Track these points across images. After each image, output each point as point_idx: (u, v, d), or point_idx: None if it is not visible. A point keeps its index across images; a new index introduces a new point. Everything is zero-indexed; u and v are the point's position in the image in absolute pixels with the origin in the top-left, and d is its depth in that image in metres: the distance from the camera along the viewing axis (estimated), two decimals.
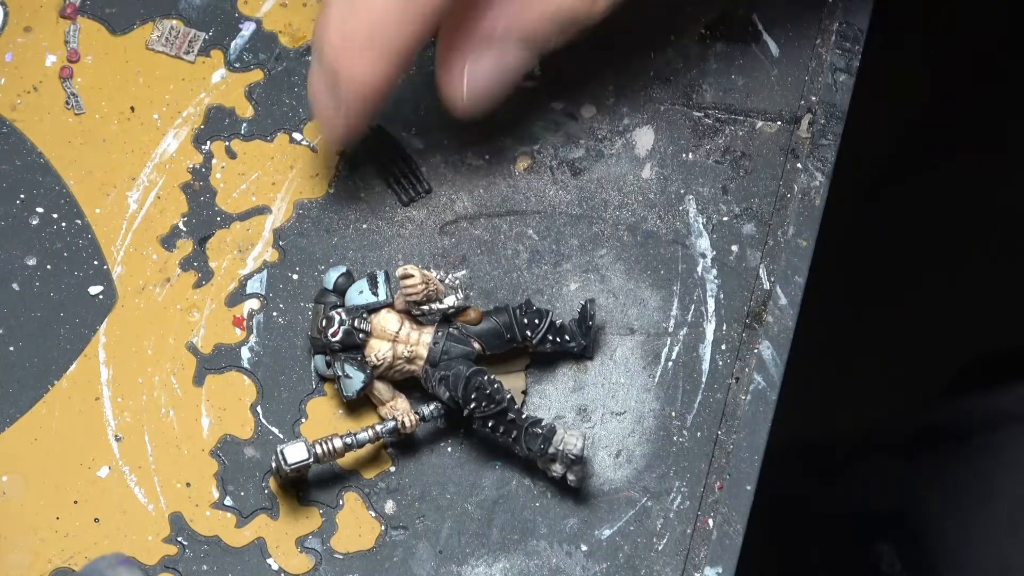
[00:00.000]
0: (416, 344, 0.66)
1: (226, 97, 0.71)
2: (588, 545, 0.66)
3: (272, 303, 0.68)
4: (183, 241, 0.69)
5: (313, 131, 0.70)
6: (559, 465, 0.65)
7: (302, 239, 0.69)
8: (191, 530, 0.66)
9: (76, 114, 0.70)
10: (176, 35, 0.71)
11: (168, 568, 0.65)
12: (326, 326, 0.65)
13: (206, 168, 0.70)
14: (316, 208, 0.70)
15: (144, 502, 0.66)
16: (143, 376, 0.67)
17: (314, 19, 0.65)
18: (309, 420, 0.67)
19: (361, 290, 0.66)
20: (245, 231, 0.69)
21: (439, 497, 0.66)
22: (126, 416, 0.67)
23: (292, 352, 0.68)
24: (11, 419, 0.67)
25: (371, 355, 0.65)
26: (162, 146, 0.70)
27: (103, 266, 0.68)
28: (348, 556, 0.66)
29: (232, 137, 0.70)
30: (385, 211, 0.70)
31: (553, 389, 0.68)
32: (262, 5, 0.72)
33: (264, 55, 0.71)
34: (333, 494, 0.66)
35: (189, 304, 0.68)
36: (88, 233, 0.69)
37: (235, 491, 0.66)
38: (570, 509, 0.66)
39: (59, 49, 0.71)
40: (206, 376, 0.67)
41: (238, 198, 0.70)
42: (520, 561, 0.66)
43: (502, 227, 0.69)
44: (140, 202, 0.69)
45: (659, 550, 0.66)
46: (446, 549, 0.66)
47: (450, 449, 0.67)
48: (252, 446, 0.67)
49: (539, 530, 0.66)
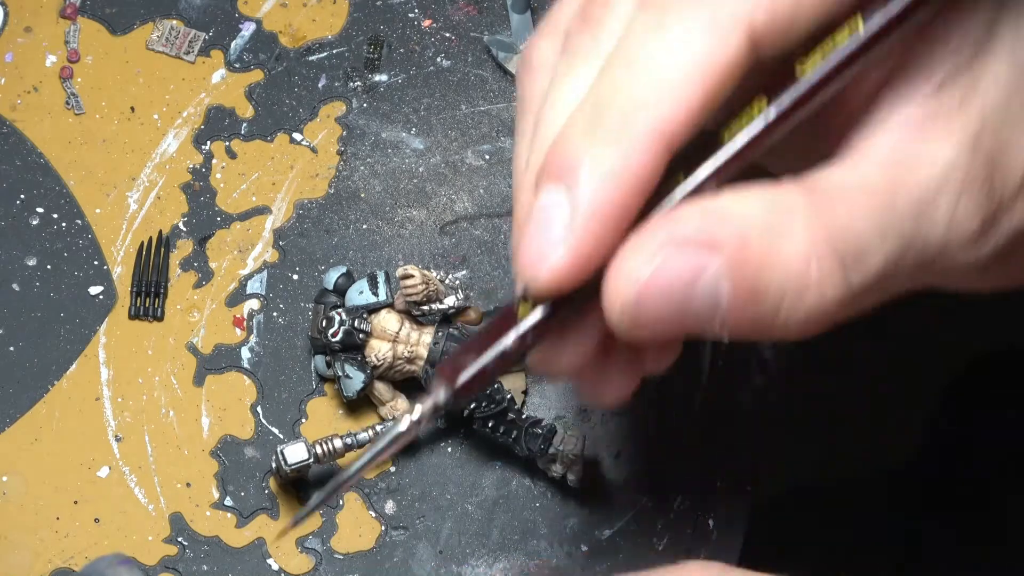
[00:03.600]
0: (416, 344, 0.66)
1: (226, 97, 0.71)
2: (588, 545, 0.66)
3: (272, 303, 0.68)
4: (183, 241, 0.69)
5: (313, 131, 0.70)
6: (559, 465, 0.65)
7: (302, 239, 0.69)
8: (191, 530, 0.66)
9: (76, 114, 0.70)
10: (176, 35, 0.71)
11: (168, 568, 0.65)
12: (326, 326, 0.65)
13: (206, 168, 0.70)
14: (316, 208, 0.70)
15: (144, 502, 0.66)
16: (143, 376, 0.67)
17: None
18: (309, 420, 0.67)
19: (361, 290, 0.66)
20: (245, 231, 0.69)
21: (439, 497, 0.66)
22: (126, 416, 0.67)
23: (292, 352, 0.68)
24: (11, 419, 0.67)
25: (371, 355, 0.65)
26: (162, 146, 0.70)
27: (103, 266, 0.68)
28: (348, 556, 0.66)
29: (232, 137, 0.70)
30: (385, 211, 0.70)
31: (553, 389, 0.68)
32: (262, 5, 0.72)
33: (264, 55, 0.71)
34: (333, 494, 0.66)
35: (189, 304, 0.68)
36: (88, 233, 0.69)
37: (235, 491, 0.66)
38: (570, 509, 0.66)
39: (59, 49, 0.71)
40: (206, 376, 0.67)
41: (238, 198, 0.70)
42: (520, 561, 0.66)
43: (502, 227, 0.69)
44: (140, 202, 0.69)
45: (659, 550, 0.66)
46: (446, 549, 0.66)
47: (450, 449, 0.67)
48: (252, 446, 0.67)
49: (539, 530, 0.66)
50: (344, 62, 0.71)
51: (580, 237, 0.47)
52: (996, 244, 0.50)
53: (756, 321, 0.49)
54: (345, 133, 0.70)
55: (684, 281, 0.47)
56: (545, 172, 0.48)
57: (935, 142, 0.49)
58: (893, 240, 0.49)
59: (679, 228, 0.47)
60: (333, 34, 0.72)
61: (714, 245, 0.47)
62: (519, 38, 0.71)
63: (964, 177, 0.49)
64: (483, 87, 0.71)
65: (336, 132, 0.70)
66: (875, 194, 0.48)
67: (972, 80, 0.49)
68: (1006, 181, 0.49)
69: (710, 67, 0.47)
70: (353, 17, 0.72)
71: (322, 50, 0.71)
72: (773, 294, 0.48)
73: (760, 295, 0.48)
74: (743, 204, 0.47)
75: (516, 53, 0.71)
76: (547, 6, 0.72)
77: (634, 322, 0.48)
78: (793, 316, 0.49)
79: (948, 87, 0.49)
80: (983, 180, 0.49)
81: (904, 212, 0.48)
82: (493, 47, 0.71)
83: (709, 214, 0.47)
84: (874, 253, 0.48)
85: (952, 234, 0.49)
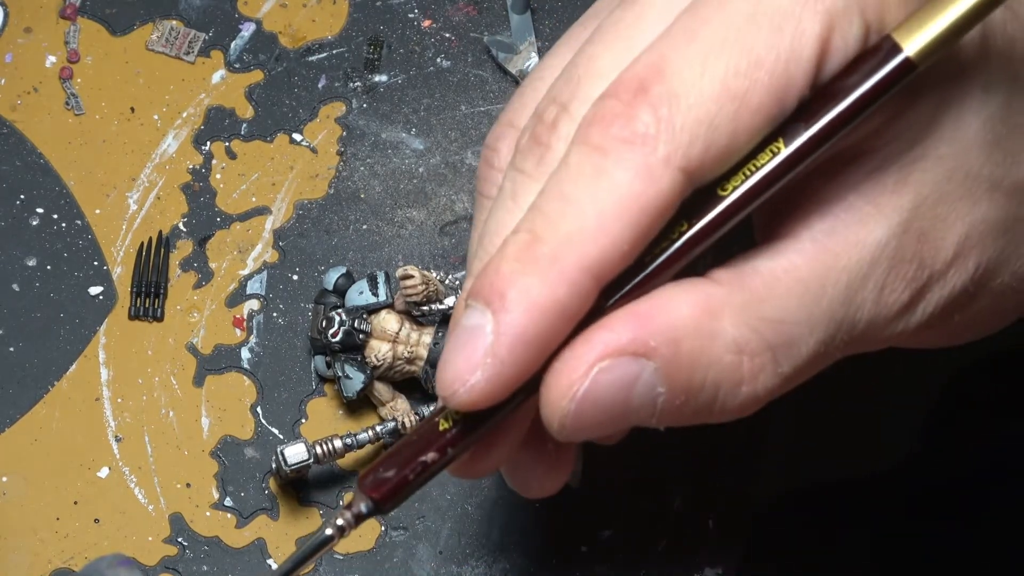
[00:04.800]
0: (416, 345, 0.66)
1: (226, 98, 0.71)
2: (588, 545, 0.66)
3: (272, 304, 0.68)
4: (183, 242, 0.69)
5: (313, 131, 0.70)
6: None
7: (302, 240, 0.69)
8: (191, 531, 0.66)
9: (76, 115, 0.70)
10: (176, 36, 0.71)
11: (168, 568, 0.65)
12: (326, 327, 0.65)
13: (206, 169, 0.70)
14: (316, 209, 0.70)
15: (144, 503, 0.66)
16: (143, 377, 0.67)
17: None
18: (309, 421, 0.67)
19: (361, 291, 0.66)
20: (245, 232, 0.69)
21: (439, 498, 0.66)
22: (126, 417, 0.67)
23: (292, 353, 0.68)
24: (11, 419, 0.67)
25: (371, 356, 0.65)
26: (162, 147, 0.70)
27: (103, 267, 0.68)
28: (348, 557, 0.66)
29: (232, 138, 0.70)
30: (385, 212, 0.70)
31: None
32: (262, 6, 0.72)
33: (264, 56, 0.71)
34: (333, 494, 0.66)
35: (189, 305, 0.68)
36: (88, 233, 0.69)
37: (235, 492, 0.66)
38: (571, 509, 0.66)
39: (59, 50, 0.71)
40: (206, 377, 0.67)
41: (238, 199, 0.70)
42: (520, 562, 0.66)
43: None
44: (140, 203, 0.69)
45: (660, 550, 0.66)
46: (446, 550, 0.66)
47: None
48: (252, 447, 0.67)
49: (540, 531, 0.66)
50: (344, 62, 0.71)
51: (501, 362, 0.48)
52: (925, 314, 0.51)
53: (693, 414, 0.50)
54: (345, 133, 0.70)
55: (620, 389, 0.48)
56: (474, 291, 0.48)
57: (865, 224, 0.50)
58: (823, 327, 0.50)
59: (612, 337, 0.48)
60: (333, 34, 0.72)
61: (647, 352, 0.48)
62: (519, 38, 0.71)
63: (893, 256, 0.50)
64: (483, 88, 0.71)
65: (336, 132, 0.70)
66: (804, 283, 0.49)
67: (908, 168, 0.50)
68: (937, 255, 0.50)
69: (643, 207, 0.47)
70: (353, 18, 0.72)
71: (322, 50, 0.71)
72: (708, 391, 0.49)
73: (694, 393, 0.49)
74: (673, 306, 0.48)
75: (516, 53, 0.71)
76: (547, 6, 0.72)
77: (574, 431, 0.49)
78: (728, 405, 0.50)
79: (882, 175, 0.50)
80: (912, 257, 0.50)
81: (833, 299, 0.50)
82: (493, 48, 0.71)
83: (640, 320, 0.48)
84: (804, 341, 0.50)
85: (880, 311, 0.50)
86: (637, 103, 0.47)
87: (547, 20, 0.72)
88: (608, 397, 0.48)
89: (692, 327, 0.48)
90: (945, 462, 1.01)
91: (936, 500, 1.00)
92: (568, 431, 0.48)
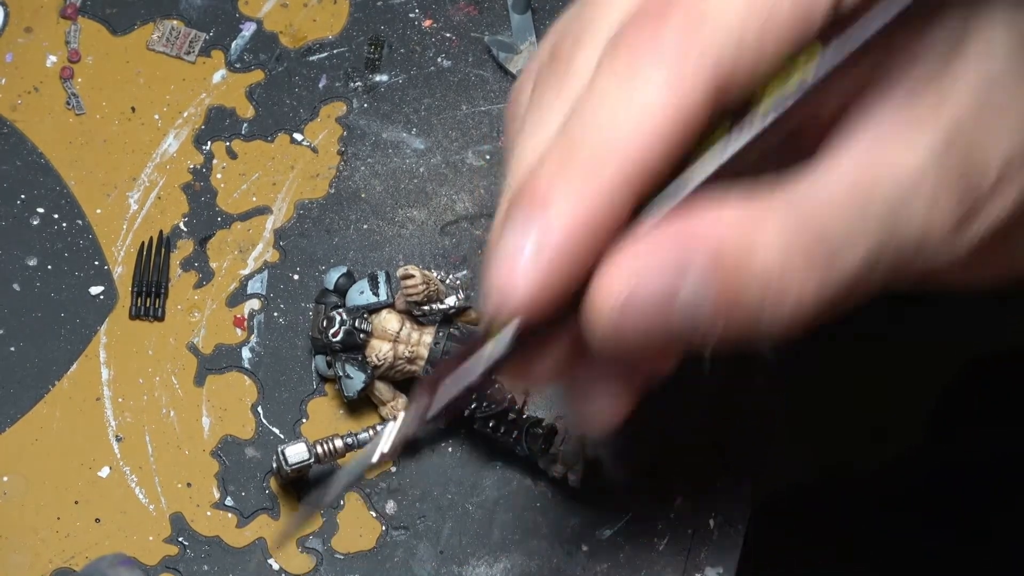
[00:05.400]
0: (417, 344, 0.66)
1: (227, 97, 0.71)
2: (589, 545, 0.66)
3: (273, 303, 0.68)
4: (184, 241, 0.69)
5: (313, 131, 0.70)
6: (560, 465, 0.65)
7: (303, 239, 0.69)
8: (192, 530, 0.66)
9: (77, 114, 0.70)
10: (177, 35, 0.71)
11: (169, 568, 0.65)
12: (327, 326, 0.65)
13: (207, 168, 0.70)
14: (317, 208, 0.70)
15: (145, 502, 0.66)
16: (144, 376, 0.67)
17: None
18: (310, 420, 0.67)
19: (362, 290, 0.66)
20: (246, 231, 0.69)
21: (440, 497, 0.66)
22: (127, 416, 0.67)
23: (293, 352, 0.68)
24: (12, 419, 0.67)
25: (372, 355, 0.65)
26: (163, 146, 0.70)
27: (104, 266, 0.68)
28: (349, 556, 0.66)
29: (233, 137, 0.70)
30: (386, 211, 0.70)
31: (554, 389, 0.68)
32: (263, 6, 0.72)
33: (265, 55, 0.71)
34: None
35: (190, 304, 0.68)
36: (89, 233, 0.69)
37: (236, 491, 0.66)
38: (571, 509, 0.66)
39: (60, 49, 0.71)
40: (207, 376, 0.68)
41: (239, 198, 0.70)
42: (521, 561, 0.66)
43: None
44: (141, 202, 0.69)
45: (660, 550, 0.66)
46: (447, 549, 0.66)
47: (451, 449, 0.67)
48: (253, 446, 0.67)
49: (540, 530, 0.66)
50: (345, 62, 0.71)
51: (548, 268, 0.48)
52: (973, 239, 0.51)
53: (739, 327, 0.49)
54: (346, 133, 0.70)
55: (662, 300, 0.48)
56: (517, 201, 0.48)
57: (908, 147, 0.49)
58: (868, 240, 0.49)
59: (653, 248, 0.48)
60: (333, 34, 0.72)
61: (689, 263, 0.48)
62: (520, 38, 0.71)
63: (937, 178, 0.49)
64: (484, 87, 0.71)
65: (337, 132, 0.70)
66: (849, 196, 0.49)
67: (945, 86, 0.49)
68: (982, 179, 0.50)
69: (678, 115, 0.48)
70: (353, 17, 0.72)
71: (323, 50, 0.71)
72: (753, 299, 0.49)
73: (740, 301, 0.49)
74: (715, 216, 0.48)
75: (517, 53, 0.71)
76: (547, 6, 0.72)
77: (617, 340, 0.48)
78: (775, 319, 0.49)
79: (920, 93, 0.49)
80: (957, 180, 0.50)
81: (879, 213, 0.49)
82: (494, 47, 0.71)
83: (682, 230, 0.48)
84: (850, 254, 0.49)
85: (928, 232, 0.50)
86: (668, 13, 0.48)
87: (547, 20, 0.72)
88: (650, 308, 0.48)
89: (734, 237, 0.48)
90: (945, 462, 1.01)
91: (936, 500, 1.00)
92: (610, 343, 0.48)
